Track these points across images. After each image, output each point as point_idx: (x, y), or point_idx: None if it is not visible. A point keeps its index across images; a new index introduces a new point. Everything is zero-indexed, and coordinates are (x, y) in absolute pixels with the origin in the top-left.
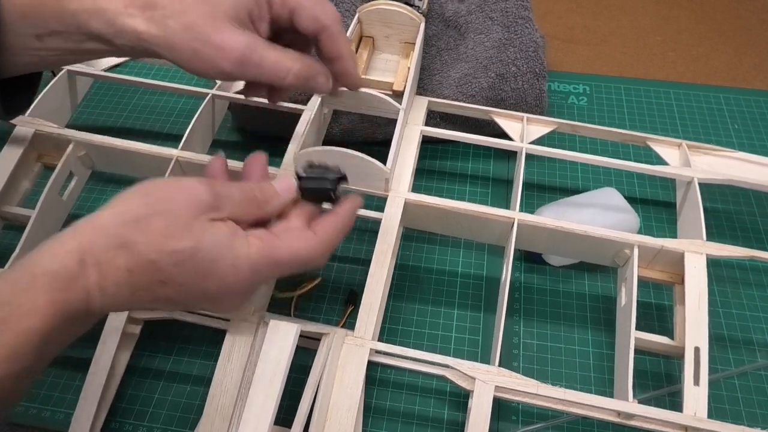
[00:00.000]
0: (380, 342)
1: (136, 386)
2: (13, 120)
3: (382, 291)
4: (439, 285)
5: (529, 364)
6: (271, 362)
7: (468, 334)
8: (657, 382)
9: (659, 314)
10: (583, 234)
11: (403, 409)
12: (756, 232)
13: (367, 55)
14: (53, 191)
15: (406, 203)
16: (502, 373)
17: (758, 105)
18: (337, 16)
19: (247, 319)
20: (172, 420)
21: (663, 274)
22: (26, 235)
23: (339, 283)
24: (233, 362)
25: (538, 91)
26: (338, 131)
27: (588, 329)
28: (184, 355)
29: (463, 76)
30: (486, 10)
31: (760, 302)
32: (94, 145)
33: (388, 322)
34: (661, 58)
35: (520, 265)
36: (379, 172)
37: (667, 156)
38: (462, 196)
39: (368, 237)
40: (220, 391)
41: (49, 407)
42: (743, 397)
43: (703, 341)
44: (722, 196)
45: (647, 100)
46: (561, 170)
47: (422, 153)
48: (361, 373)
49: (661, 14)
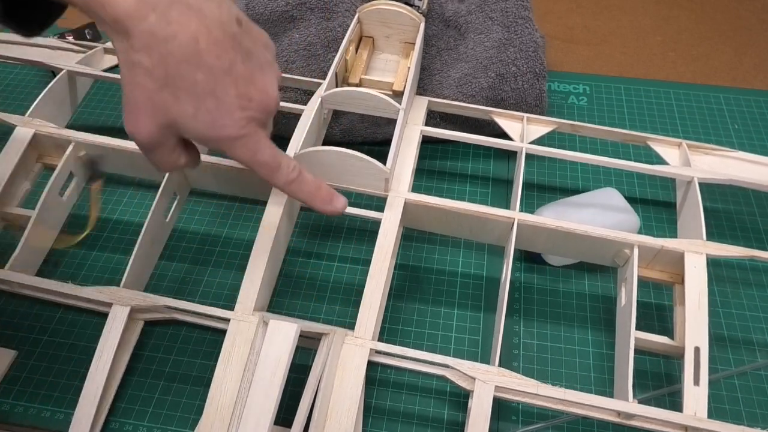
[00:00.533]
0: (380, 342)
1: (136, 386)
2: (13, 120)
3: (382, 291)
4: (439, 285)
5: (528, 364)
6: (271, 362)
7: (468, 334)
8: (657, 382)
9: (659, 314)
10: (583, 234)
11: (402, 409)
12: (756, 231)
13: (367, 55)
14: (53, 192)
15: (406, 203)
16: (503, 373)
17: (758, 105)
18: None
19: (247, 319)
20: (172, 420)
21: (663, 274)
22: (26, 235)
23: (339, 283)
24: (233, 362)
25: (538, 91)
26: (338, 131)
27: (588, 329)
28: (184, 355)
29: (463, 76)
30: (486, 10)
31: (760, 302)
32: (94, 146)
33: (388, 322)
34: (661, 58)
35: (520, 265)
36: (379, 172)
37: (667, 156)
38: (462, 196)
39: (368, 237)
40: (220, 391)
41: (49, 407)
42: (743, 397)
43: (703, 341)
44: (722, 195)
45: (647, 100)
46: (561, 170)
47: (422, 153)
48: (361, 373)
49: (661, 14)
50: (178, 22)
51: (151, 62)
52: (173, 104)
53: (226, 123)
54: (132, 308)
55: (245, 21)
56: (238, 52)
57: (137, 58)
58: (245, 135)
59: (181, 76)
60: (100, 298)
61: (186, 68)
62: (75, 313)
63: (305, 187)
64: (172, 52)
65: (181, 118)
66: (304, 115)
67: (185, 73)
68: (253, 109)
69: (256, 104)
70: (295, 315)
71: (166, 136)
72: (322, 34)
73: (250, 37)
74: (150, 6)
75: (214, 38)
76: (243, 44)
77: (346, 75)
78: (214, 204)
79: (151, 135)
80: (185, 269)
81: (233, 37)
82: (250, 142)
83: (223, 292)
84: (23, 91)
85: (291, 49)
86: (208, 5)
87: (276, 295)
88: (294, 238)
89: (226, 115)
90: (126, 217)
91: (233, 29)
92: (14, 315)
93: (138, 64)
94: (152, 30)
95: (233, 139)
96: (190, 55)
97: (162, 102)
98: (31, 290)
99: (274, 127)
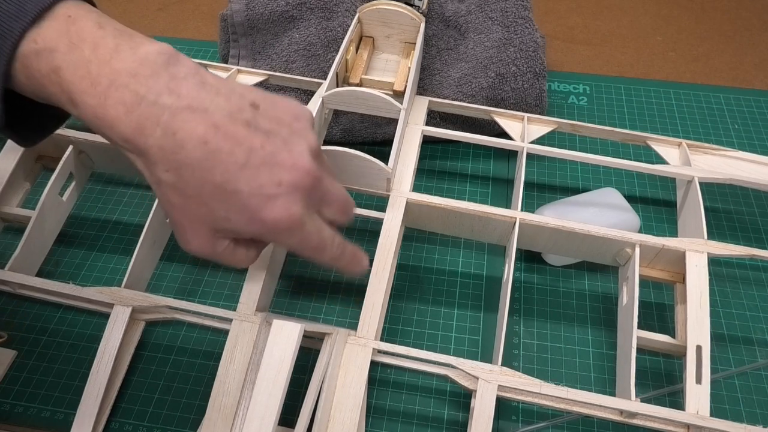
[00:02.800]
0: (382, 342)
1: (136, 386)
2: None
3: (385, 290)
4: (439, 285)
5: (529, 364)
6: (275, 362)
7: (468, 334)
8: (657, 381)
9: (659, 314)
10: (585, 233)
11: (403, 409)
12: (756, 231)
13: (367, 55)
14: (53, 192)
15: (408, 203)
16: (505, 373)
17: (758, 105)
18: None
19: (250, 319)
20: (172, 420)
21: (664, 273)
22: (26, 235)
23: (339, 283)
24: (236, 362)
25: (538, 91)
26: (338, 131)
27: (588, 329)
28: (184, 355)
29: (463, 75)
30: (486, 10)
31: (760, 302)
32: (94, 146)
33: (388, 322)
34: (661, 58)
35: (520, 264)
36: (381, 172)
37: (667, 155)
38: (462, 195)
39: (368, 237)
40: (223, 391)
41: (49, 407)
42: (743, 397)
43: (704, 340)
44: (722, 195)
45: (647, 100)
46: (561, 170)
47: (422, 153)
48: (364, 373)
49: (661, 14)
50: (183, 130)
51: (171, 177)
52: (207, 213)
53: (262, 216)
54: (133, 309)
55: (266, 101)
56: (255, 137)
57: (159, 175)
58: (289, 226)
59: (200, 184)
60: (102, 299)
61: (202, 174)
62: (75, 313)
63: (345, 259)
64: (185, 163)
65: (218, 224)
66: None
67: (203, 179)
68: (286, 192)
69: (287, 186)
70: (296, 315)
71: (220, 241)
72: (322, 34)
73: (272, 116)
74: (154, 121)
75: (224, 134)
76: (261, 126)
77: (346, 75)
78: None
79: (203, 248)
80: (185, 269)
81: (247, 124)
82: (295, 231)
83: (223, 293)
84: None
85: (291, 49)
86: (216, 101)
87: (276, 295)
88: None
89: (261, 209)
90: (126, 217)
91: (247, 115)
92: (14, 315)
93: (163, 181)
94: (161, 144)
95: (276, 232)
96: (202, 160)
97: (196, 214)
98: (32, 291)
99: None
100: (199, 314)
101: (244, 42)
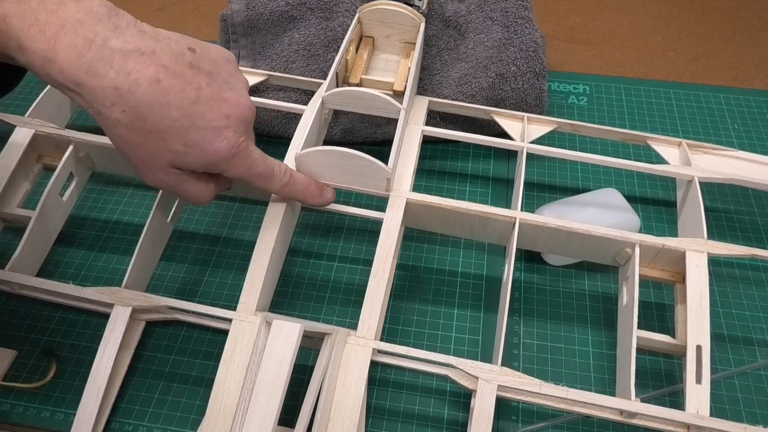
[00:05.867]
0: (382, 342)
1: (136, 386)
2: (13, 120)
3: (385, 290)
4: (439, 285)
5: (529, 364)
6: (275, 362)
7: (468, 334)
8: (657, 381)
9: (659, 314)
10: (585, 233)
11: (403, 409)
12: (756, 231)
13: (367, 55)
14: (53, 192)
15: (408, 203)
16: (505, 373)
17: (758, 105)
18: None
19: (250, 319)
20: (172, 420)
21: (664, 273)
22: (26, 235)
23: (339, 283)
24: (236, 362)
25: (538, 91)
26: (338, 131)
27: (588, 329)
28: (184, 355)
29: (463, 75)
30: (486, 10)
31: (760, 302)
32: (94, 146)
33: (388, 322)
34: (661, 58)
35: (520, 264)
36: (381, 172)
37: (667, 155)
38: (462, 195)
39: (368, 237)
40: (223, 391)
41: (49, 407)
42: (743, 397)
43: (704, 339)
44: (722, 195)
45: (647, 100)
46: (561, 170)
47: (422, 153)
48: (364, 373)
49: (661, 14)
50: (137, 70)
51: (126, 116)
52: (164, 148)
53: (215, 147)
54: (134, 309)
55: (199, 45)
56: (200, 77)
57: (112, 116)
58: (237, 153)
59: (158, 120)
60: (102, 299)
61: (159, 111)
62: (75, 313)
63: (297, 187)
64: (141, 101)
65: (176, 157)
66: (305, 115)
67: (160, 116)
68: (233, 124)
69: (234, 119)
70: (295, 315)
71: (178, 175)
72: (322, 34)
73: (208, 58)
74: (107, 63)
75: (173, 73)
76: (203, 68)
77: (346, 75)
78: (215, 204)
79: (164, 181)
80: (186, 269)
81: (191, 66)
82: (243, 157)
83: (223, 293)
84: (23, 91)
85: (291, 49)
86: (159, 46)
87: (276, 295)
88: (294, 237)
89: (213, 140)
90: (126, 218)
91: (188, 58)
92: (14, 315)
93: (116, 121)
94: (116, 85)
95: (228, 159)
96: (157, 96)
97: (154, 149)
98: (32, 291)
99: (275, 128)
100: (199, 314)
101: (244, 42)
